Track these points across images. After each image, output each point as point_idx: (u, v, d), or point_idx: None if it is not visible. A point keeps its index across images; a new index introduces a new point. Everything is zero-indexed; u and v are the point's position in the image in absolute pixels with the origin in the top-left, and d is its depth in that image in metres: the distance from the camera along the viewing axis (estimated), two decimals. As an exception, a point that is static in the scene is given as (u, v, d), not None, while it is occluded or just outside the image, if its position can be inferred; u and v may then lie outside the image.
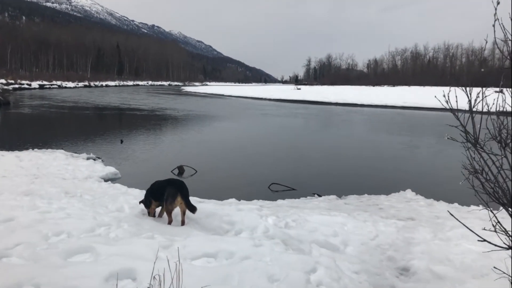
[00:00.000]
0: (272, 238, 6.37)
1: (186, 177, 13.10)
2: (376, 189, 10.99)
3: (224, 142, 21.54)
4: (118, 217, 6.96)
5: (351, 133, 26.76)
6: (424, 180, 13.10)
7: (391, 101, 57.69)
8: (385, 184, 12.12)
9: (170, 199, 6.70)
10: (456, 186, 12.35)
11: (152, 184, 7.28)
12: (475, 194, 3.65)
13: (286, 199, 9.84)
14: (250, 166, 15.08)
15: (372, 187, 11.50)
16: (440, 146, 21.04)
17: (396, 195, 10.04)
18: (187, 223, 6.90)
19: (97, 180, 10.88)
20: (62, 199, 7.96)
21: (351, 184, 12.24)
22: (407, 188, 10.77)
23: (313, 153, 18.36)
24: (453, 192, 11.09)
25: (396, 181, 12.61)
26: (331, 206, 8.79)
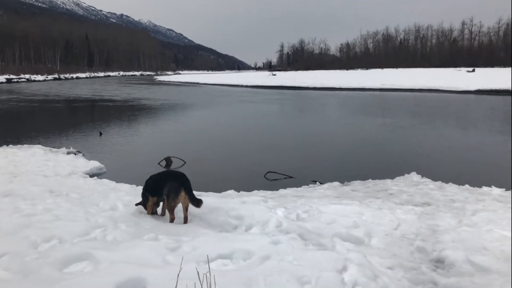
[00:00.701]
0: (287, 232, 5.80)
1: (175, 169, 12.39)
2: (378, 173, 10.51)
3: (208, 131, 20.79)
4: (113, 217, 6.28)
5: (336, 117, 26.28)
6: (424, 161, 12.71)
7: (369, 84, 57.57)
8: (386, 167, 11.69)
9: (173, 195, 6.02)
10: (458, 166, 12.15)
11: (148, 179, 6.59)
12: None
13: (288, 188, 9.26)
14: (240, 155, 14.44)
15: (373, 171, 11.03)
16: (427, 126, 20.83)
17: (402, 179, 9.57)
18: (190, 220, 6.25)
19: (81, 176, 10.09)
20: (47, 199, 7.19)
21: (350, 169, 11.77)
22: (409, 171, 10.33)
23: (302, 139, 17.80)
24: (457, 173, 10.75)
25: (396, 164, 12.19)
26: (338, 193, 8.26)
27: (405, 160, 12.90)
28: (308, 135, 18.85)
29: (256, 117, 26.80)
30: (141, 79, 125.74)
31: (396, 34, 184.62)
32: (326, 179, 10.28)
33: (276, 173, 11.10)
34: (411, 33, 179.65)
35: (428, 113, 27.69)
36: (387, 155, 13.92)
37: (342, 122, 23.02)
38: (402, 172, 10.34)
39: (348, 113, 28.10)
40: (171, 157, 12.92)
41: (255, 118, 26.21)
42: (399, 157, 13.51)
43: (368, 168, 11.79)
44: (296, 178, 10.79)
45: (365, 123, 22.72)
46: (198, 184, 10.16)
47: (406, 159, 13.11)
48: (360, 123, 22.78)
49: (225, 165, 12.83)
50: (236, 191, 8.95)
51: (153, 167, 12.43)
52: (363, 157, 13.73)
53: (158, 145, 16.51)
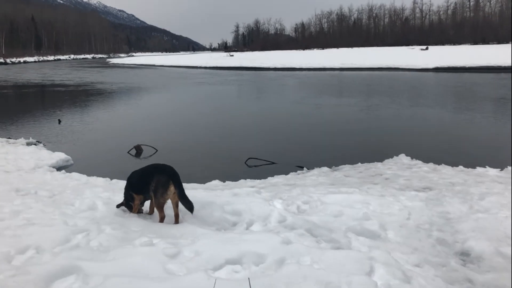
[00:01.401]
0: (292, 228, 5.27)
1: (146, 158, 11.64)
2: (364, 157, 10.13)
3: (174, 115, 19.93)
4: (94, 218, 5.58)
5: (302, 97, 25.77)
6: (407, 142, 12.45)
7: (329, 64, 57.58)
8: (371, 150, 11.35)
9: (161, 190, 5.35)
10: (442, 146, 11.92)
11: (131, 176, 5.88)
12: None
13: (276, 176, 8.71)
14: (214, 140, 13.73)
15: (358, 154, 10.65)
16: (396, 105, 20.75)
17: (392, 162, 9.22)
18: (181, 218, 5.61)
19: (47, 170, 9.20)
20: (14, 200, 6.37)
21: (332, 153, 11.37)
22: (395, 152, 10.02)
23: (274, 122, 17.24)
24: (442, 153, 10.52)
25: (380, 146, 11.89)
26: (331, 180, 7.79)
27: (388, 142, 12.61)
28: (279, 118, 18.30)
29: (221, 100, 26.03)
30: (94, 62, 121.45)
31: (350, 14, 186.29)
32: (311, 164, 9.83)
33: (258, 159, 10.54)
34: (364, 12, 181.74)
35: (393, 92, 27.72)
36: (367, 136, 13.56)
37: (309, 103, 22.53)
38: (388, 154, 10.01)
39: (313, 94, 27.73)
40: (141, 145, 12.12)
41: (220, 101, 25.44)
42: (381, 139, 13.18)
43: (352, 151, 11.41)
44: (279, 164, 10.27)
45: (332, 103, 22.40)
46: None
47: (388, 141, 12.81)
48: (327, 103, 22.42)
49: (201, 152, 12.14)
50: (221, 181, 8.36)
51: (123, 156, 11.66)
52: (342, 139, 13.36)
53: (124, 132, 15.61)
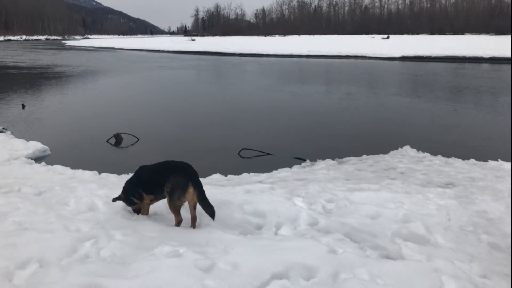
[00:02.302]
0: (327, 232, 4.72)
1: (127, 147, 10.83)
2: (365, 148, 9.67)
3: (147, 102, 18.82)
4: (98, 221, 4.86)
5: (275, 84, 25.14)
6: (403, 132, 12.09)
7: (296, 50, 57.12)
8: (369, 140, 10.93)
9: (179, 191, 4.65)
10: (440, 138, 11.58)
11: (141, 171, 5.15)
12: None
13: (280, 169, 8.11)
14: (198, 129, 12.89)
15: (357, 145, 10.21)
16: (376, 95, 20.48)
17: (398, 154, 8.79)
18: (198, 221, 4.95)
19: (25, 161, 8.26)
20: (0, 199, 5.52)
21: (329, 144, 10.89)
22: (393, 142, 9.67)
23: (258, 110, 16.42)
24: (442, 145, 10.21)
25: (378, 136, 11.51)
26: (344, 174, 7.26)
27: (383, 132, 12.16)
28: (260, 106, 17.57)
29: (191, 85, 25.14)
30: (48, 43, 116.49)
31: (310, 1, 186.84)
32: (309, 156, 9.31)
33: (252, 150, 9.92)
34: (324, 0, 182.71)
35: (368, 80, 27.51)
36: (359, 126, 13.04)
37: (283, 91, 21.83)
38: (389, 145, 9.61)
39: (284, 81, 27.10)
40: (121, 133, 11.24)
41: (191, 86, 24.51)
42: (374, 129, 12.65)
43: (349, 142, 10.94)
44: (275, 156, 9.69)
45: (310, 91, 21.86)
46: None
47: (383, 131, 12.35)
48: (302, 91, 21.82)
49: (186, 142, 11.39)
50: (222, 175, 7.69)
51: (102, 146, 10.81)
52: (335, 129, 12.76)
53: (97, 119, 14.59)
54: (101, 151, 10.40)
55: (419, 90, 22.29)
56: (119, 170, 8.13)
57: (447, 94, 20.89)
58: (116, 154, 10.40)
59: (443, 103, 17.63)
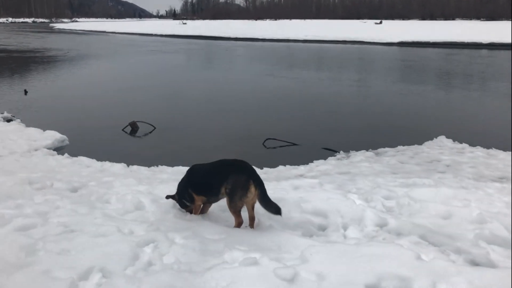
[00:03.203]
0: (399, 234, 4.40)
1: (144, 136, 10.41)
2: (396, 138, 9.38)
3: (157, 88, 18.13)
4: (151, 222, 4.51)
5: (281, 69, 24.55)
6: (429, 121, 11.76)
7: (292, 35, 56.46)
8: (399, 130, 10.65)
9: (240, 192, 4.28)
10: (466, 126, 11.29)
11: (193, 171, 4.79)
12: None
13: (315, 161, 7.76)
14: (215, 117, 12.43)
15: (385, 135, 9.95)
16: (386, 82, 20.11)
17: (434, 144, 8.47)
18: (257, 221, 4.61)
19: (47, 153, 7.81)
20: (33, 196, 5.13)
21: (354, 133, 10.52)
22: (427, 133, 9.37)
23: (271, 98, 15.83)
24: (472, 134, 9.91)
25: (408, 126, 11.19)
26: (389, 167, 6.91)
27: (407, 120, 11.85)
28: (273, 92, 16.98)
29: (198, 70, 24.41)
30: (35, 26, 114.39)
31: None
32: (337, 146, 8.99)
33: (277, 140, 9.56)
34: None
35: (373, 66, 27.05)
36: (380, 114, 12.67)
37: (296, 77, 21.19)
38: (421, 134, 9.34)
39: (292, 66, 26.57)
40: (136, 121, 10.80)
41: (198, 72, 23.81)
42: (397, 117, 12.30)
43: (375, 131, 10.62)
44: (301, 146, 9.35)
45: (318, 77, 21.42)
46: (180, 155, 8.50)
47: (406, 119, 12.04)
48: (313, 78, 21.34)
49: (205, 130, 10.96)
50: (258, 167, 7.31)
51: (119, 135, 10.43)
52: (355, 118, 12.30)
53: (105, 105, 14.14)
54: (119, 141, 9.99)
55: (432, 77, 21.86)
56: (145, 161, 7.76)
57: (460, 81, 20.60)
58: (135, 144, 9.98)
59: (458, 91, 17.35)
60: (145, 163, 7.65)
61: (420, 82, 19.80)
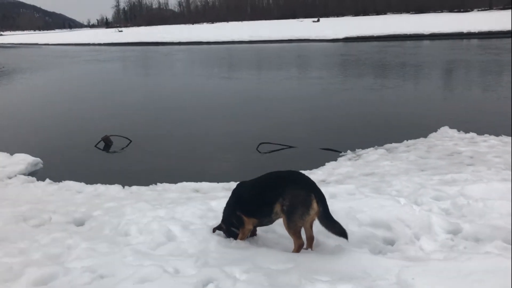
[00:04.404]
0: (477, 239, 3.92)
1: (119, 151, 9.49)
2: (395, 133, 8.99)
3: (119, 97, 17.08)
4: (195, 255, 3.78)
5: (233, 71, 23.90)
6: (422, 114, 11.46)
7: (237, 37, 55.91)
8: (394, 125, 10.28)
9: (301, 208, 3.61)
10: (456, 116, 11.02)
11: (240, 189, 4.09)
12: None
13: (327, 164, 7.18)
14: (195, 124, 11.58)
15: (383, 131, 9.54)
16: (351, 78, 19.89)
17: (441, 136, 8.10)
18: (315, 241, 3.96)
19: (25, 180, 6.75)
20: (36, 236, 4.24)
21: (348, 132, 10.04)
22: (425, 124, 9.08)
23: (252, 100, 15.21)
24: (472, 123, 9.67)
25: (400, 120, 10.83)
26: (413, 164, 6.42)
27: (398, 114, 11.53)
28: (249, 94, 16.43)
29: (157, 78, 23.09)
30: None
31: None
32: (334, 146, 8.50)
33: (272, 144, 8.92)
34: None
35: (332, 63, 26.73)
36: (366, 110, 12.29)
37: (265, 78, 20.67)
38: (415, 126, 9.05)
39: (256, 68, 25.98)
40: (109, 136, 9.80)
41: (158, 79, 22.55)
42: (384, 112, 11.99)
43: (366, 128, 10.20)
44: (298, 148, 8.76)
45: (281, 76, 20.79)
46: (179, 171, 7.68)
47: (397, 113, 11.72)
48: (281, 78, 20.62)
49: (185, 139, 10.14)
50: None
51: (93, 151, 9.47)
52: (342, 116, 11.79)
53: (66, 120, 12.87)
54: (97, 159, 9.00)
55: (395, 69, 21.83)
56: (137, 179, 6.93)
57: (415, 72, 20.77)
58: (116, 160, 9.00)
59: (425, 81, 17.39)
60: (139, 181, 6.81)
61: (386, 75, 19.70)
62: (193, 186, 6.28)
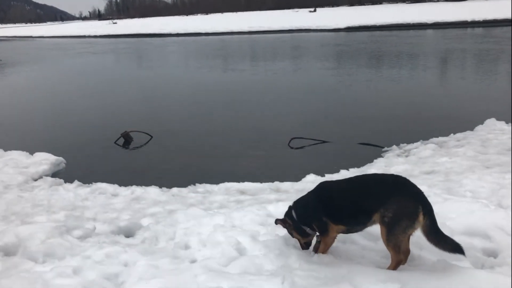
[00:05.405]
0: None
1: (141, 148, 8.95)
2: (433, 126, 8.55)
3: (130, 91, 16.48)
4: (276, 273, 3.27)
5: (271, 63, 23.19)
6: (453, 106, 10.98)
7: (236, 28, 55.10)
8: (428, 115, 9.79)
9: (406, 221, 3.11)
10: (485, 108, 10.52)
11: (324, 190, 3.54)
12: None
13: (379, 159, 6.69)
14: (217, 119, 11.01)
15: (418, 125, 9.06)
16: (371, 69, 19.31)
17: (489, 129, 7.56)
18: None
19: (53, 182, 6.22)
20: (85, 251, 3.71)
21: (384, 126, 9.47)
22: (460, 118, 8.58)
23: (271, 92, 14.43)
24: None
25: (430, 113, 10.29)
26: (475, 161, 5.91)
27: (423, 106, 11.02)
28: (269, 87, 15.66)
29: (173, 70, 22.45)
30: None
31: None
32: (368, 141, 8.04)
33: (304, 139, 8.41)
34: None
35: (342, 53, 26.09)
36: (394, 103, 11.88)
37: (278, 69, 20.05)
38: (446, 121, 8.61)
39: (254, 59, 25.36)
40: (130, 131, 9.25)
41: (174, 72, 21.91)
42: (410, 105, 11.48)
43: (399, 121, 9.73)
44: (334, 143, 8.26)
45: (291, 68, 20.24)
46: (190, 169, 7.27)
47: (422, 105, 11.21)
48: (287, 68, 20.08)
49: (208, 134, 9.61)
50: (316, 175, 6.14)
51: (113, 148, 8.99)
52: (365, 109, 11.28)
53: (77, 114, 12.25)
54: (119, 157, 8.51)
55: (416, 60, 21.31)
56: (175, 180, 6.43)
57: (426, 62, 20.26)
58: (140, 158, 8.47)
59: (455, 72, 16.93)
60: (173, 181, 6.32)
61: (412, 66, 18.96)
62: (236, 187, 5.77)
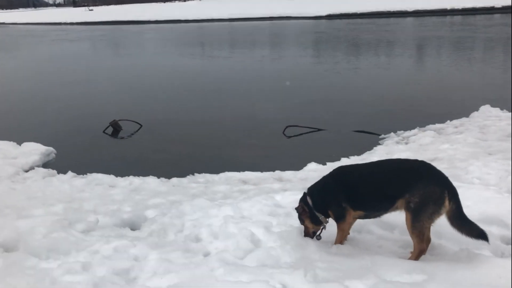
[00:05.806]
0: None
1: (131, 136, 8.74)
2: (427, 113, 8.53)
3: (114, 78, 16.18)
4: (296, 266, 3.16)
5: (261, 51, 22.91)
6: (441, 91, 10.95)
7: (216, 15, 54.33)
8: (420, 102, 9.76)
9: (433, 207, 3.02)
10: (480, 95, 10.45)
11: (345, 174, 3.39)
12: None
13: (375, 149, 6.61)
14: (210, 108, 10.73)
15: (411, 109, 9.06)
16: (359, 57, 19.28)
17: (485, 115, 7.55)
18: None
19: (46, 173, 5.97)
20: (92, 245, 3.54)
21: (381, 113, 9.41)
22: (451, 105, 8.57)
23: (262, 80, 14.26)
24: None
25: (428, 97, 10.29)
26: (478, 147, 5.88)
27: (414, 93, 11.02)
28: (257, 74, 15.55)
29: (158, 58, 22.00)
30: None
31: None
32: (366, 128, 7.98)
33: (299, 127, 8.29)
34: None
35: (328, 41, 25.97)
36: (381, 90, 11.80)
37: (257, 57, 19.87)
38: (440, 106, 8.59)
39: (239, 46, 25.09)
40: (118, 120, 8.98)
41: (158, 59, 21.48)
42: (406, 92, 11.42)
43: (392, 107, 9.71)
44: (329, 131, 8.16)
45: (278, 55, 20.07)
46: (204, 160, 7.05)
47: (412, 92, 11.22)
48: (274, 56, 19.88)
49: (199, 122, 9.41)
50: (318, 164, 6.03)
51: (103, 137, 8.72)
52: (357, 96, 11.26)
53: (59, 102, 11.87)
54: (109, 146, 8.32)
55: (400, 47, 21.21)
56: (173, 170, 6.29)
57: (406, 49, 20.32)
58: (131, 147, 8.25)
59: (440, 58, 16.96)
60: (170, 171, 6.16)
61: (393, 54, 19.01)
62: (238, 177, 5.63)
